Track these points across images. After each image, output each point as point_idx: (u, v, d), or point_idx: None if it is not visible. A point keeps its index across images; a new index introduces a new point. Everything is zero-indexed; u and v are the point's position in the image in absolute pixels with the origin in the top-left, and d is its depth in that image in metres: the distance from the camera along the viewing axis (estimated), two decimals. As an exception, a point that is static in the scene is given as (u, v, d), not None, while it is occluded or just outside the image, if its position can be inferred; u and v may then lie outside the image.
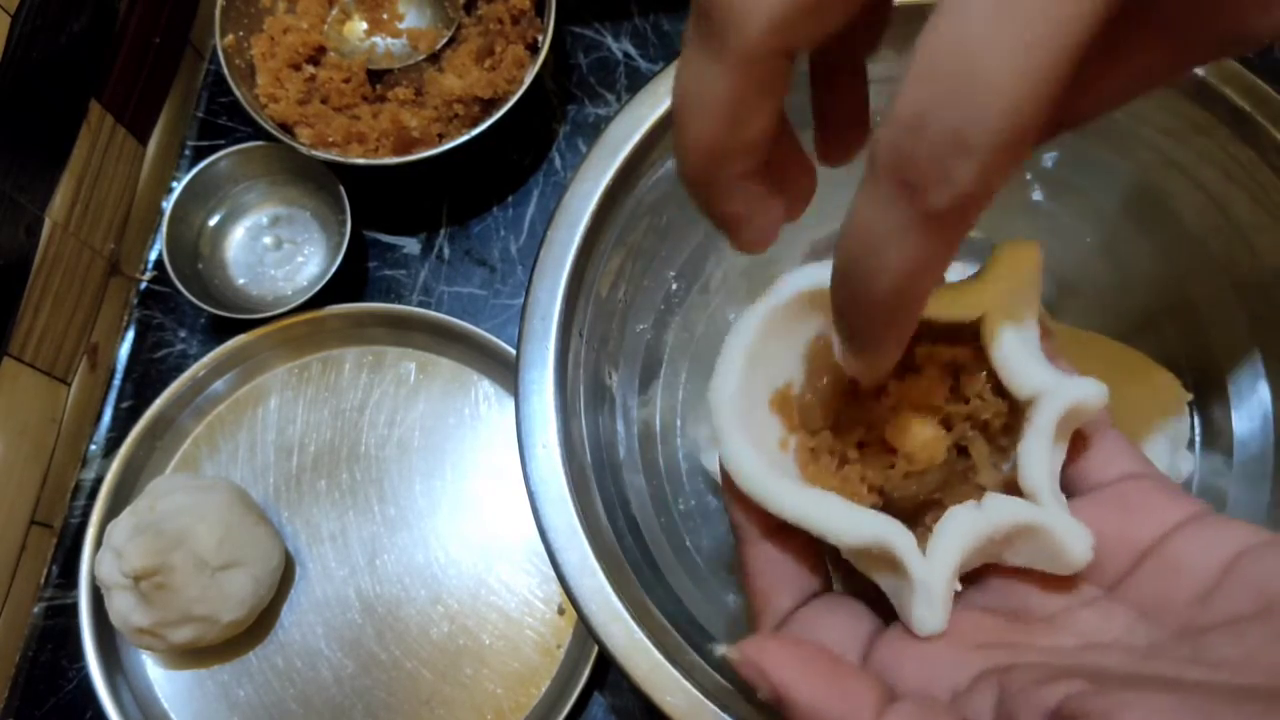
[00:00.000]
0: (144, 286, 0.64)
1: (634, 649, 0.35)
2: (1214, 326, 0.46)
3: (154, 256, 0.64)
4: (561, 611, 0.56)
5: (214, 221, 0.62)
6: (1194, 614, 0.20)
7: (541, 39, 0.58)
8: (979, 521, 0.22)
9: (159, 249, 0.60)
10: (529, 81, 0.57)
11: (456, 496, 0.58)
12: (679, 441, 0.49)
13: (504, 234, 0.63)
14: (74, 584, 0.56)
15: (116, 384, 0.62)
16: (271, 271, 0.62)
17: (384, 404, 0.60)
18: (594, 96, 0.65)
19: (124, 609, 0.51)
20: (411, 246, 0.63)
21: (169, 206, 0.60)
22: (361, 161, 0.57)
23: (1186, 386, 0.48)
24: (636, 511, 0.43)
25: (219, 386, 0.60)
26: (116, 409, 0.61)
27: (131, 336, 0.62)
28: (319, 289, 0.58)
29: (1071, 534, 0.22)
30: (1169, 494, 0.23)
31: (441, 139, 0.59)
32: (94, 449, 0.61)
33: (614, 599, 0.35)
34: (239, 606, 0.52)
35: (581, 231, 0.40)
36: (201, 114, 0.66)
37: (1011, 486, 0.24)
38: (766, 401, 0.25)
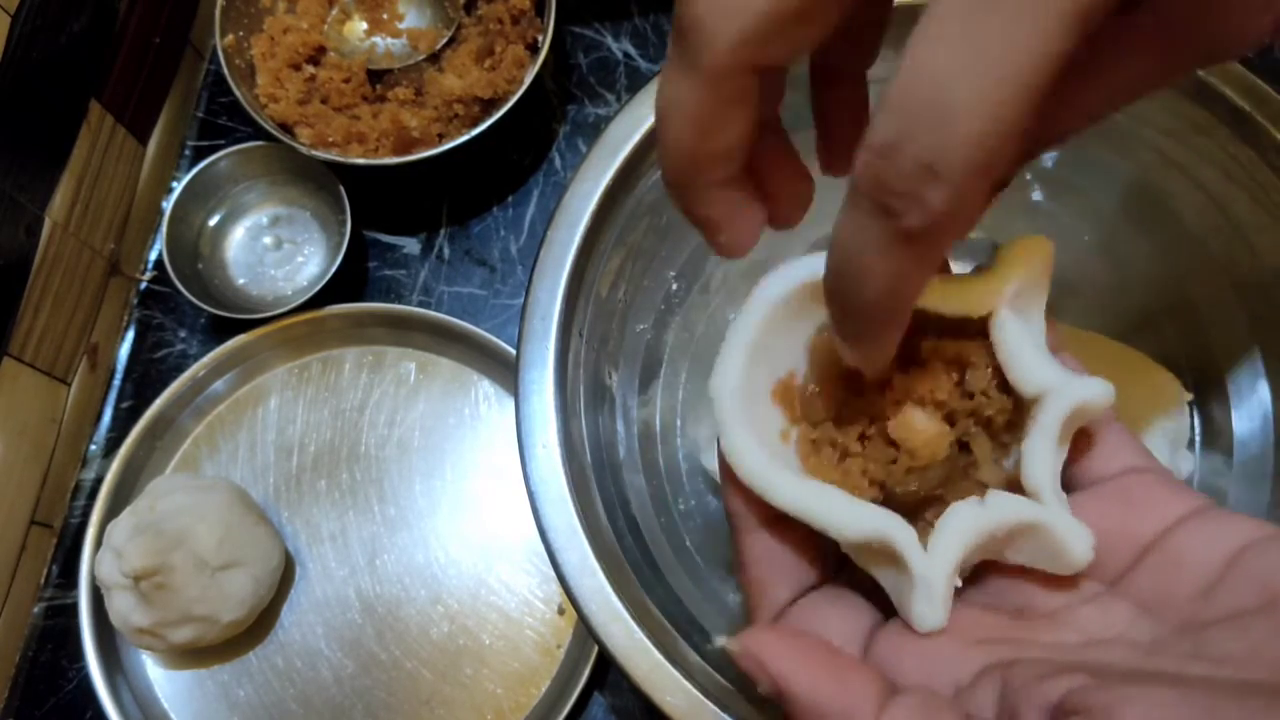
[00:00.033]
0: (144, 286, 0.64)
1: (634, 649, 0.35)
2: (1214, 326, 0.46)
3: (154, 256, 0.64)
4: (561, 611, 0.56)
5: (214, 221, 0.62)
6: (1196, 609, 0.20)
7: (541, 39, 0.58)
8: (981, 518, 0.22)
9: (159, 249, 0.60)
10: (529, 81, 0.57)
11: (456, 496, 0.58)
12: (679, 441, 0.49)
13: (504, 234, 0.63)
14: (74, 584, 0.56)
15: (116, 384, 0.62)
16: (271, 271, 0.62)
17: (384, 404, 0.60)
18: (594, 96, 0.65)
19: (124, 609, 0.51)
20: (411, 246, 0.63)
21: (169, 206, 0.60)
22: (361, 161, 0.57)
23: (1186, 386, 0.48)
24: (636, 511, 0.43)
25: (219, 386, 0.60)
26: (116, 409, 0.61)
27: (131, 336, 0.62)
28: (319, 289, 0.58)
29: (1073, 534, 0.22)
30: (1171, 488, 0.23)
31: (441, 139, 0.59)
32: (94, 449, 0.61)
33: (614, 599, 0.35)
34: (239, 606, 0.52)
35: (581, 231, 0.40)
36: (201, 114, 0.66)
37: (1013, 484, 0.24)
38: (768, 392, 0.25)
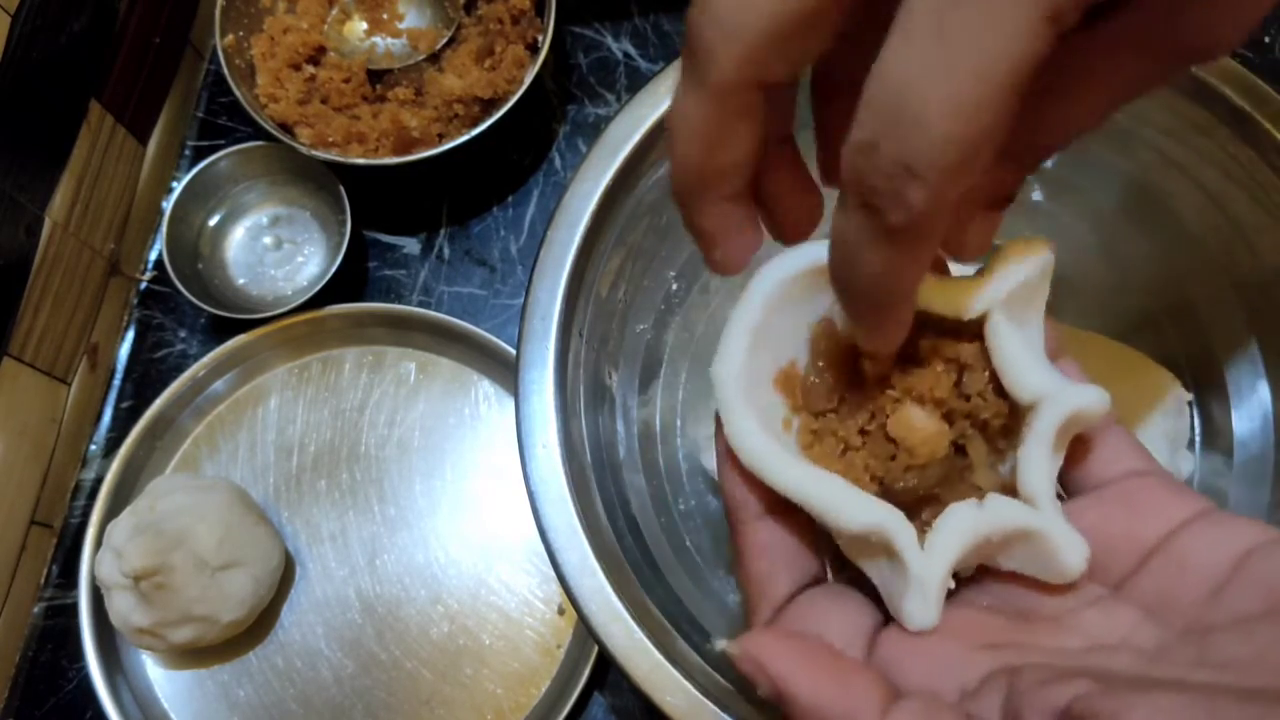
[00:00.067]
0: (144, 286, 0.64)
1: (634, 649, 0.35)
2: (1214, 326, 0.46)
3: (154, 256, 0.64)
4: (561, 611, 0.56)
5: (214, 221, 0.62)
6: (1201, 613, 0.20)
7: (541, 39, 0.58)
8: (979, 521, 0.22)
9: (159, 249, 0.60)
10: (529, 81, 0.57)
11: (456, 496, 0.58)
12: (679, 441, 0.49)
13: (504, 234, 0.63)
14: (74, 584, 0.56)
15: (116, 384, 0.62)
16: (271, 271, 0.62)
17: (384, 404, 0.60)
18: (594, 96, 0.65)
19: (124, 609, 0.51)
20: (411, 246, 0.63)
21: (169, 206, 0.60)
22: (361, 161, 0.57)
23: (1186, 386, 0.48)
24: (636, 511, 0.43)
25: (219, 386, 0.60)
26: (116, 409, 0.61)
27: (131, 336, 0.62)
28: (319, 289, 0.58)
29: (1068, 543, 0.22)
30: (1175, 491, 0.23)
31: (441, 139, 0.59)
32: (94, 449, 0.61)
33: (614, 599, 0.35)
34: (239, 606, 0.52)
35: (581, 231, 0.40)
36: (201, 114, 0.66)
37: (1007, 490, 0.23)
38: (770, 379, 0.25)
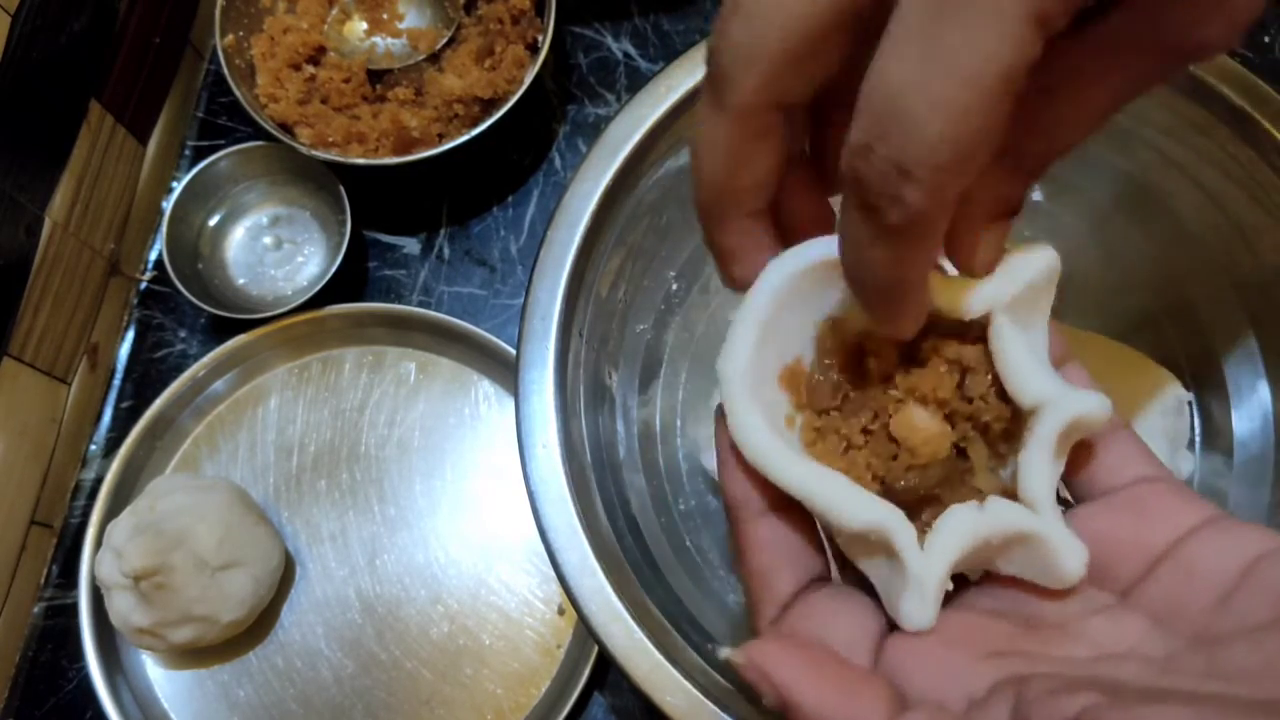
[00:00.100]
0: (144, 286, 0.64)
1: (634, 649, 0.35)
2: (1214, 326, 0.46)
3: (154, 256, 0.64)
4: (561, 611, 0.56)
5: (214, 221, 0.62)
6: (1210, 621, 0.20)
7: (541, 39, 0.58)
8: (980, 523, 0.22)
9: (159, 249, 0.60)
10: (529, 81, 0.57)
11: (456, 496, 0.58)
12: (679, 441, 0.49)
13: (504, 234, 0.63)
14: (74, 584, 0.56)
15: (116, 384, 0.62)
16: (271, 271, 0.62)
17: (384, 404, 0.60)
18: (594, 96, 0.65)
19: (124, 609, 0.51)
20: (411, 246, 0.63)
21: (169, 206, 0.60)
22: (361, 161, 0.57)
23: (1186, 386, 0.48)
24: (636, 511, 0.43)
25: (219, 386, 0.60)
26: (116, 409, 0.61)
27: (131, 336, 0.62)
28: (319, 289, 0.58)
29: (1068, 549, 0.22)
30: (1183, 498, 0.23)
31: (441, 139, 0.59)
32: (94, 449, 0.61)
33: (614, 599, 0.35)
34: (239, 606, 0.52)
35: (581, 231, 0.40)
36: (201, 114, 0.66)
37: (1007, 494, 0.23)
38: (775, 376, 0.25)
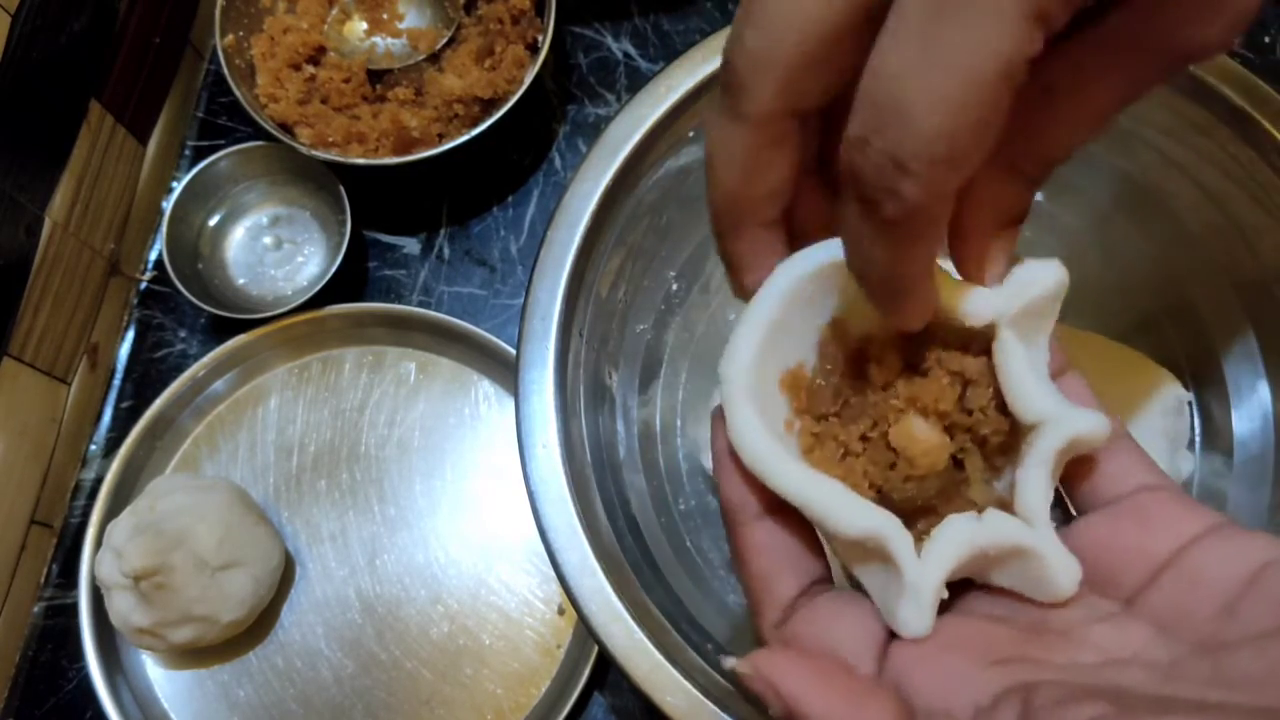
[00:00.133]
0: (144, 286, 0.64)
1: (634, 649, 0.35)
2: (1214, 326, 0.46)
3: (154, 256, 0.64)
4: (561, 611, 0.56)
5: (214, 221, 0.62)
6: (1214, 629, 0.20)
7: (541, 39, 0.58)
8: (978, 534, 0.22)
9: (159, 249, 0.60)
10: (529, 81, 0.57)
11: (456, 496, 0.58)
12: (679, 441, 0.49)
13: (504, 234, 0.63)
14: (74, 584, 0.56)
15: (116, 384, 0.62)
16: (271, 271, 0.62)
17: (384, 404, 0.60)
18: (594, 96, 0.65)
19: (124, 609, 0.51)
20: (411, 246, 0.63)
21: (169, 206, 0.60)
22: (361, 161, 0.57)
23: (1186, 386, 0.48)
24: (636, 511, 0.43)
25: (219, 386, 0.60)
26: (116, 409, 0.61)
27: (131, 336, 0.62)
28: (319, 289, 0.58)
29: (1062, 565, 0.22)
30: (1187, 506, 0.23)
31: (441, 139, 0.59)
32: (94, 449, 0.61)
33: (614, 599, 0.35)
34: (239, 606, 0.52)
35: (581, 231, 0.40)
36: (201, 114, 0.66)
37: (1001, 507, 0.24)
38: (777, 379, 0.25)
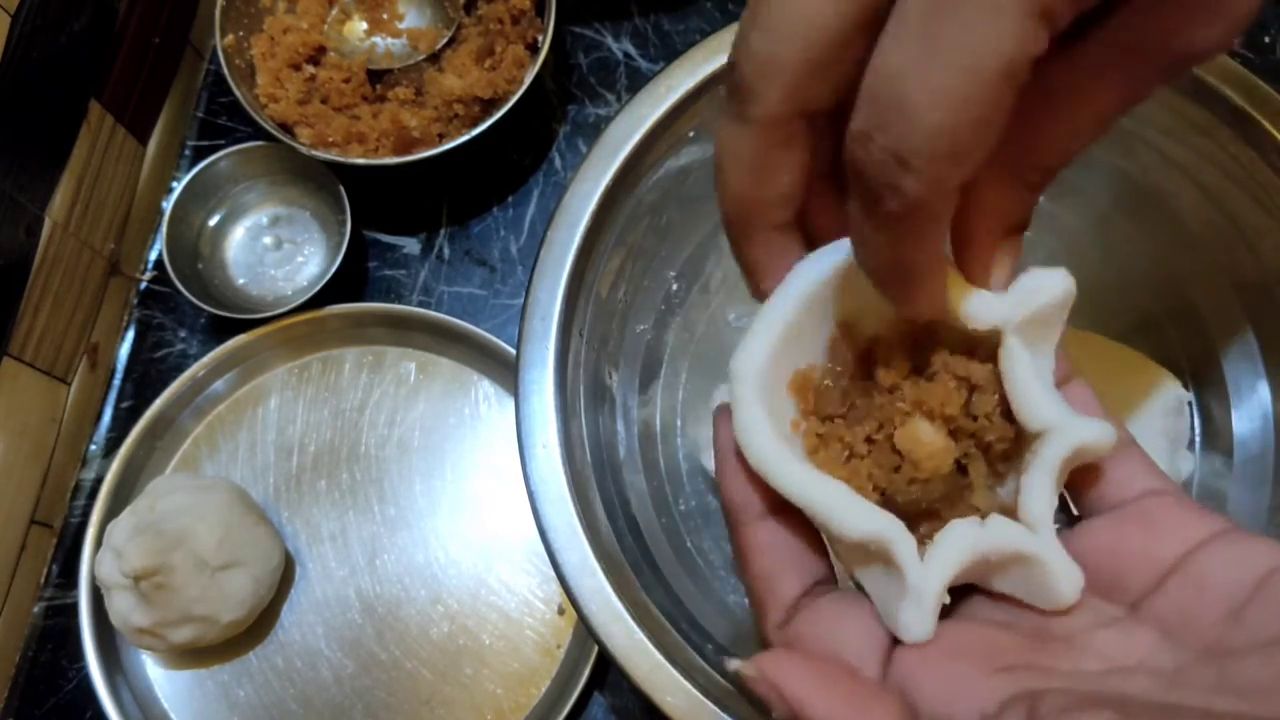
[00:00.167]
0: (144, 286, 0.64)
1: (634, 649, 0.35)
2: (1214, 327, 0.46)
3: (154, 256, 0.64)
4: (561, 611, 0.56)
5: (214, 221, 0.62)
6: (1220, 634, 0.20)
7: (541, 39, 0.58)
8: (981, 539, 0.22)
9: (159, 249, 0.60)
10: (529, 81, 0.57)
11: (456, 496, 0.58)
12: (679, 441, 0.49)
13: (504, 234, 0.63)
14: (74, 584, 0.56)
15: (116, 384, 0.62)
16: (271, 271, 0.62)
17: (384, 404, 0.60)
18: (594, 96, 0.65)
19: (124, 609, 0.51)
20: (411, 246, 0.63)
21: (169, 206, 0.60)
22: (361, 161, 0.57)
23: (1186, 386, 0.48)
24: (636, 511, 0.43)
25: (219, 386, 0.60)
26: (116, 409, 0.61)
27: (131, 336, 0.62)
28: (319, 289, 0.58)
29: (1065, 573, 0.22)
30: (1192, 511, 0.23)
31: (441, 139, 0.59)
32: (94, 449, 0.61)
33: (614, 599, 0.35)
34: (239, 606, 0.52)
35: (581, 231, 0.40)
36: (201, 114, 0.66)
37: (1003, 513, 0.24)
38: (787, 380, 0.25)
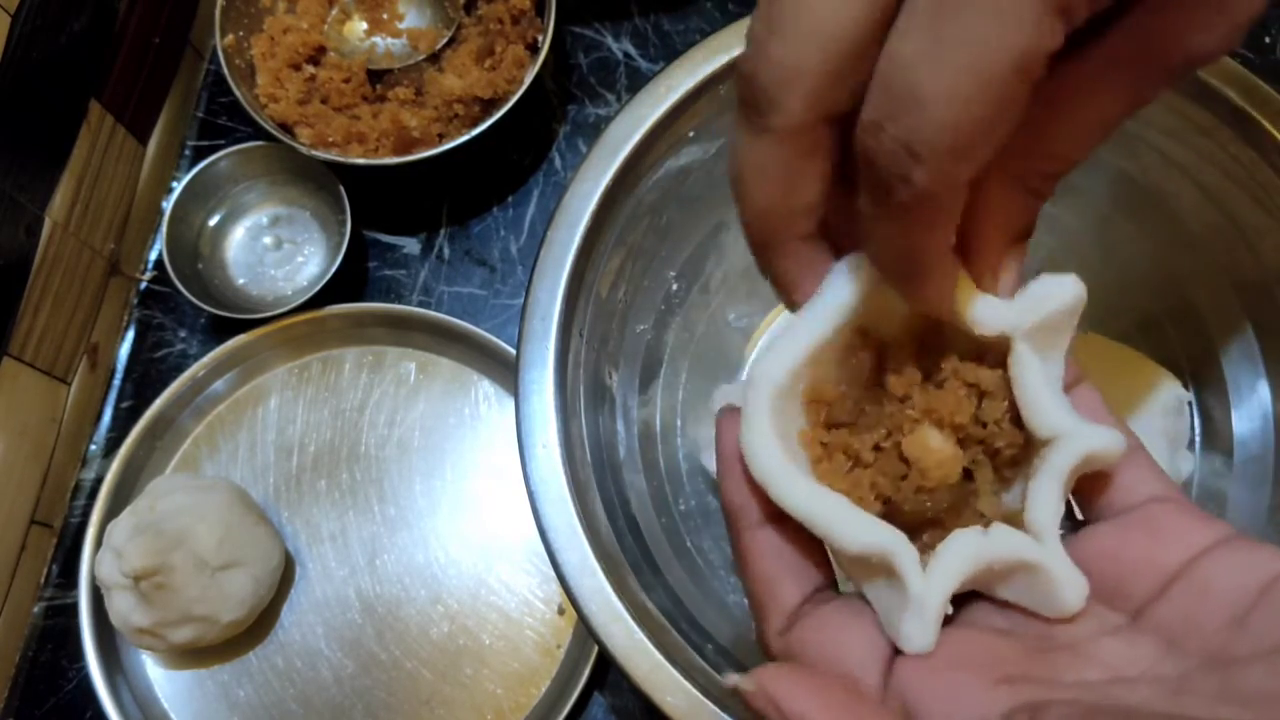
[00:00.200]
0: (144, 286, 0.64)
1: (634, 649, 0.35)
2: (1214, 327, 0.46)
3: (154, 256, 0.64)
4: (561, 611, 0.56)
5: (214, 221, 0.62)
6: (1224, 641, 0.20)
7: (541, 39, 0.58)
8: (984, 548, 0.22)
9: (159, 249, 0.60)
10: (529, 81, 0.57)
11: (456, 496, 0.58)
12: (679, 441, 0.49)
13: (504, 234, 0.63)
14: (74, 584, 0.56)
15: (116, 384, 0.62)
16: (271, 271, 0.62)
17: (384, 404, 0.60)
18: (594, 96, 0.65)
19: (124, 609, 0.51)
20: (411, 246, 0.63)
21: (169, 206, 0.60)
22: (361, 161, 0.57)
23: (1186, 386, 0.48)
24: (636, 511, 0.43)
25: (219, 386, 0.60)
26: (116, 409, 0.61)
27: (131, 336, 0.62)
28: (319, 289, 0.58)
29: (1069, 581, 0.22)
30: (1197, 517, 0.23)
31: (441, 139, 0.59)
32: (94, 449, 0.61)
33: (614, 599, 0.35)
34: (239, 606, 0.52)
35: (581, 231, 0.40)
36: (201, 114, 0.66)
37: (1008, 519, 0.23)
38: (802, 391, 0.25)
